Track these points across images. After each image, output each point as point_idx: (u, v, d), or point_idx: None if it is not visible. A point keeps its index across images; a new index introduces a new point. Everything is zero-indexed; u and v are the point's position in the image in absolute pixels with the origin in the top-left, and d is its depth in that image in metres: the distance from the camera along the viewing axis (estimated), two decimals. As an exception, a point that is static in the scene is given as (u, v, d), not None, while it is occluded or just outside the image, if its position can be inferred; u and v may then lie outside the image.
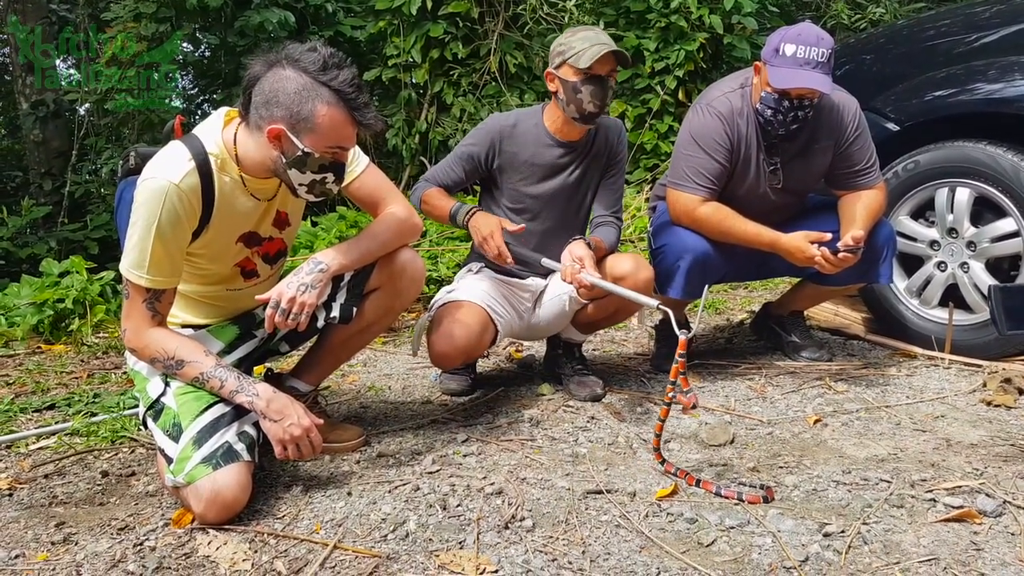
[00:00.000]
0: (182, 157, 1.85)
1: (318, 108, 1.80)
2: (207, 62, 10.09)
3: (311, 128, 1.81)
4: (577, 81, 2.48)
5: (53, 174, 8.61)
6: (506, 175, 2.68)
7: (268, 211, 2.06)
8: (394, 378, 3.15)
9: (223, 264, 2.05)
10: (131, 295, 1.90)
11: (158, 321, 1.93)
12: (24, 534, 1.81)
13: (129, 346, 1.95)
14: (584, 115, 2.53)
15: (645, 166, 6.88)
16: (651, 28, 6.88)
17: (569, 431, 2.41)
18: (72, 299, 3.86)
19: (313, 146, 1.83)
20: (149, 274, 1.85)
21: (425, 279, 2.32)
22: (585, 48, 2.47)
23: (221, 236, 1.98)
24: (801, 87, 2.54)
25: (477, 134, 2.68)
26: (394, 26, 7.18)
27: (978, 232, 3.03)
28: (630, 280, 2.49)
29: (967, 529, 1.73)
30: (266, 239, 2.10)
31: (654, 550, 1.67)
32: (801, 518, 1.79)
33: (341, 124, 1.83)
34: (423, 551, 1.68)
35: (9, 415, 2.69)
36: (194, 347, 1.94)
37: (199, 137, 1.91)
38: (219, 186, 1.90)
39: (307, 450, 1.92)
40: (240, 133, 1.92)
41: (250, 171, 1.94)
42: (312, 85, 1.80)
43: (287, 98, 1.80)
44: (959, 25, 3.30)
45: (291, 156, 1.84)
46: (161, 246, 1.84)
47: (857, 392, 2.75)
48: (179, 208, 1.83)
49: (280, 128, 1.81)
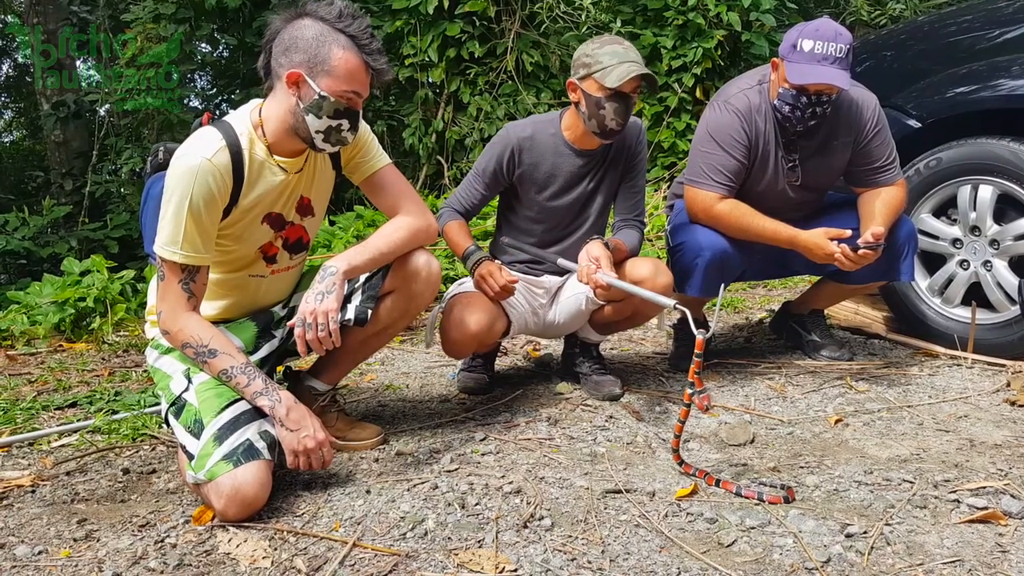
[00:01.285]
0: (213, 136, 1.92)
1: (334, 52, 1.88)
2: (225, 62, 10.16)
3: (327, 71, 1.89)
4: (602, 97, 2.45)
5: (74, 174, 8.69)
6: (524, 186, 2.66)
7: (295, 189, 2.09)
8: (412, 376, 3.16)
9: (248, 245, 2.08)
10: (166, 276, 1.93)
11: (193, 304, 1.96)
12: (47, 531, 1.83)
13: (163, 328, 1.97)
14: (605, 131, 2.51)
15: (663, 164, 6.86)
16: (668, 26, 6.85)
17: (587, 430, 2.41)
18: (93, 298, 3.90)
19: (329, 89, 1.90)
20: (183, 249, 1.89)
21: (441, 280, 2.31)
22: (613, 65, 2.42)
23: (249, 213, 2.01)
24: (819, 83, 2.52)
25: (493, 148, 2.66)
26: (411, 25, 7.19)
27: (1001, 230, 2.99)
28: (648, 284, 2.46)
29: (992, 530, 1.71)
30: (289, 223, 2.12)
31: (674, 550, 1.66)
32: (823, 518, 1.77)
33: (356, 68, 1.91)
34: (442, 550, 1.68)
35: (32, 412, 2.72)
36: (227, 341, 1.97)
37: (228, 121, 1.98)
38: (248, 162, 1.95)
39: (317, 464, 1.94)
40: (264, 107, 1.99)
41: (276, 143, 1.99)
42: (329, 31, 1.89)
43: (305, 43, 1.89)
44: (981, 21, 3.27)
45: (308, 101, 1.91)
46: (194, 221, 1.88)
47: (879, 392, 2.73)
48: (212, 183, 1.88)
49: (298, 72, 1.89)
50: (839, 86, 2.52)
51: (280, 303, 2.26)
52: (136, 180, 7.92)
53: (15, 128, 15.47)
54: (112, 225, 7.65)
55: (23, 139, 14.86)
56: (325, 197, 2.23)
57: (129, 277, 4.18)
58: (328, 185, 2.21)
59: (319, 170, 2.14)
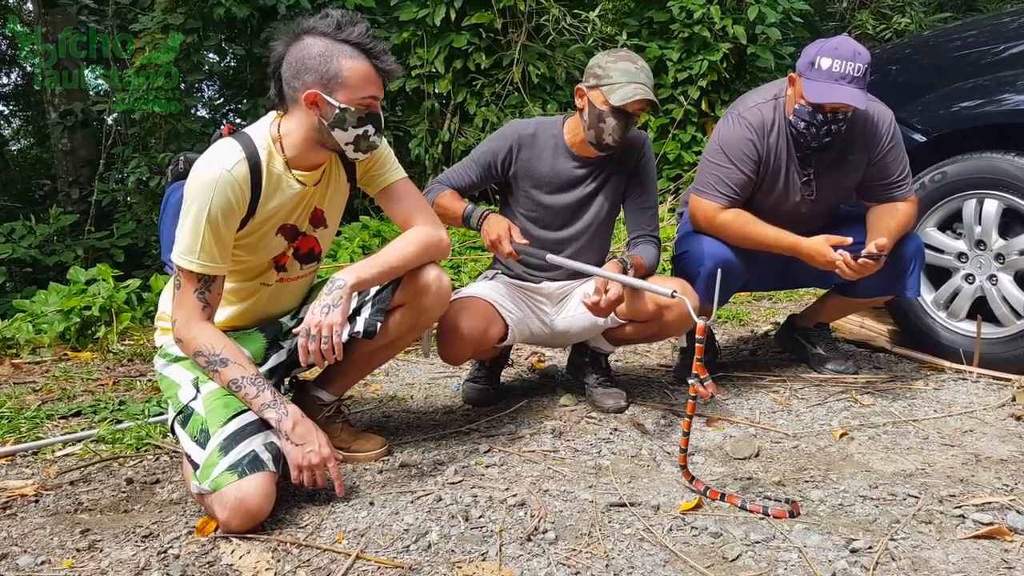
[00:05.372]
0: (233, 148, 1.94)
1: (343, 63, 1.91)
2: (233, 72, 10.20)
3: (341, 83, 1.91)
4: (604, 111, 2.47)
5: (80, 183, 8.72)
6: (521, 183, 2.67)
7: (310, 201, 2.10)
8: (416, 387, 3.16)
9: (262, 256, 2.09)
10: (183, 284, 1.95)
11: (208, 314, 1.97)
12: (50, 540, 1.83)
13: (177, 335, 1.98)
14: (601, 144, 2.53)
15: (668, 176, 6.87)
16: (674, 38, 6.88)
17: (592, 443, 2.40)
18: (98, 307, 3.91)
19: (347, 101, 1.93)
20: (200, 259, 1.91)
21: (451, 296, 2.32)
22: (622, 83, 2.45)
23: (265, 225, 2.03)
24: (836, 102, 2.51)
25: (496, 139, 2.69)
26: (418, 37, 7.23)
27: (1007, 244, 2.99)
28: (675, 309, 2.50)
29: (997, 546, 1.70)
30: (302, 234, 2.14)
31: (678, 564, 1.65)
32: (828, 533, 1.77)
33: (367, 73, 1.94)
34: (445, 562, 1.67)
35: (36, 421, 2.72)
36: (238, 351, 1.98)
37: (248, 134, 2.00)
38: (266, 175, 1.97)
39: (321, 480, 1.94)
40: (283, 123, 2.01)
41: (296, 159, 2.02)
42: (332, 44, 1.91)
43: (312, 62, 1.91)
44: (986, 35, 3.27)
45: (331, 117, 1.93)
46: (212, 232, 1.90)
47: (884, 405, 2.72)
48: (231, 195, 1.90)
49: (314, 92, 1.91)
50: (855, 106, 2.51)
51: (289, 314, 2.27)
52: (143, 189, 7.95)
53: (23, 136, 15.55)
54: (118, 234, 7.67)
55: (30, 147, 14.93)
56: (339, 210, 2.24)
57: (135, 286, 4.19)
58: (343, 198, 2.23)
59: (334, 183, 2.16)
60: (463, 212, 2.56)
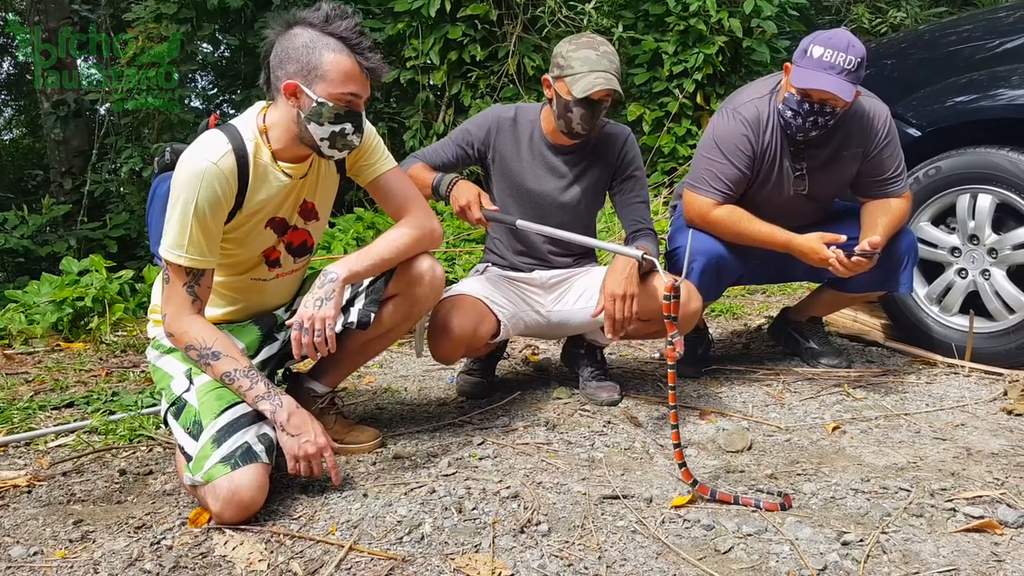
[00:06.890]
0: (220, 140, 1.92)
1: (325, 56, 1.88)
2: (226, 63, 10.16)
3: (321, 76, 1.89)
4: (569, 101, 2.46)
5: (73, 173, 8.69)
6: (498, 167, 2.68)
7: (299, 194, 2.09)
8: (410, 380, 3.16)
9: (251, 249, 2.08)
10: (171, 279, 1.94)
11: (198, 308, 1.96)
12: (42, 531, 1.83)
13: (167, 330, 1.97)
14: (572, 132, 2.54)
15: (663, 169, 6.86)
16: (670, 31, 6.86)
17: (585, 435, 2.41)
18: (91, 297, 3.90)
19: (325, 95, 1.90)
20: (188, 253, 1.90)
21: (444, 285, 2.32)
22: (583, 73, 2.42)
23: (253, 218, 2.02)
24: (818, 88, 2.49)
25: (475, 121, 2.69)
26: (413, 28, 7.20)
27: (1000, 239, 3.00)
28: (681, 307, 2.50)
29: (988, 540, 1.71)
30: (292, 227, 2.13)
31: (670, 556, 1.66)
32: (819, 526, 1.77)
33: (349, 69, 1.90)
34: (439, 554, 1.68)
35: (28, 412, 2.71)
36: (230, 344, 1.97)
37: (235, 125, 1.98)
38: (253, 167, 1.96)
39: (318, 470, 1.94)
40: (268, 114, 2.00)
41: (281, 150, 2.00)
42: (318, 36, 1.89)
43: (296, 52, 1.89)
44: (981, 30, 3.28)
45: (307, 109, 1.91)
46: (199, 225, 1.88)
47: (876, 399, 2.73)
48: (217, 188, 1.88)
49: (294, 83, 1.89)
50: (839, 96, 2.49)
51: (283, 307, 2.26)
52: (136, 180, 7.93)
53: (15, 126, 15.45)
54: (111, 224, 7.65)
55: (23, 137, 14.84)
56: (329, 201, 2.23)
57: (128, 277, 4.17)
58: (332, 189, 2.22)
59: (323, 174, 2.15)
60: (432, 182, 2.53)
